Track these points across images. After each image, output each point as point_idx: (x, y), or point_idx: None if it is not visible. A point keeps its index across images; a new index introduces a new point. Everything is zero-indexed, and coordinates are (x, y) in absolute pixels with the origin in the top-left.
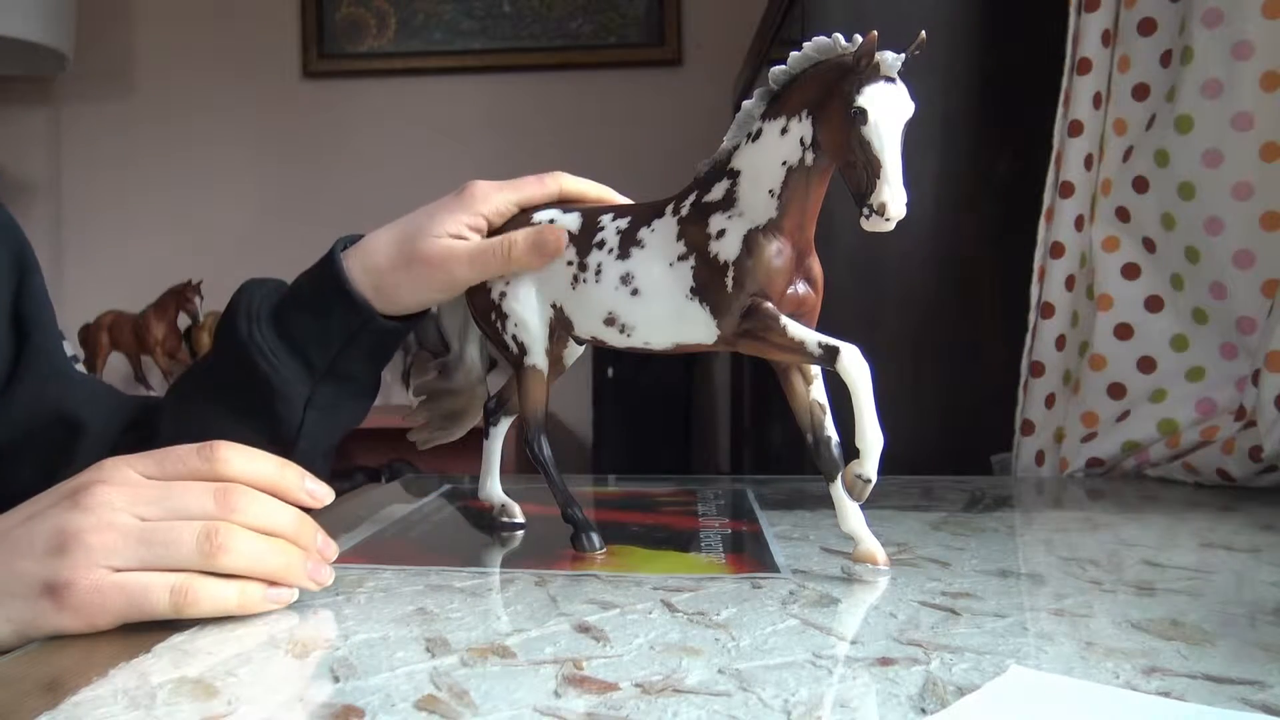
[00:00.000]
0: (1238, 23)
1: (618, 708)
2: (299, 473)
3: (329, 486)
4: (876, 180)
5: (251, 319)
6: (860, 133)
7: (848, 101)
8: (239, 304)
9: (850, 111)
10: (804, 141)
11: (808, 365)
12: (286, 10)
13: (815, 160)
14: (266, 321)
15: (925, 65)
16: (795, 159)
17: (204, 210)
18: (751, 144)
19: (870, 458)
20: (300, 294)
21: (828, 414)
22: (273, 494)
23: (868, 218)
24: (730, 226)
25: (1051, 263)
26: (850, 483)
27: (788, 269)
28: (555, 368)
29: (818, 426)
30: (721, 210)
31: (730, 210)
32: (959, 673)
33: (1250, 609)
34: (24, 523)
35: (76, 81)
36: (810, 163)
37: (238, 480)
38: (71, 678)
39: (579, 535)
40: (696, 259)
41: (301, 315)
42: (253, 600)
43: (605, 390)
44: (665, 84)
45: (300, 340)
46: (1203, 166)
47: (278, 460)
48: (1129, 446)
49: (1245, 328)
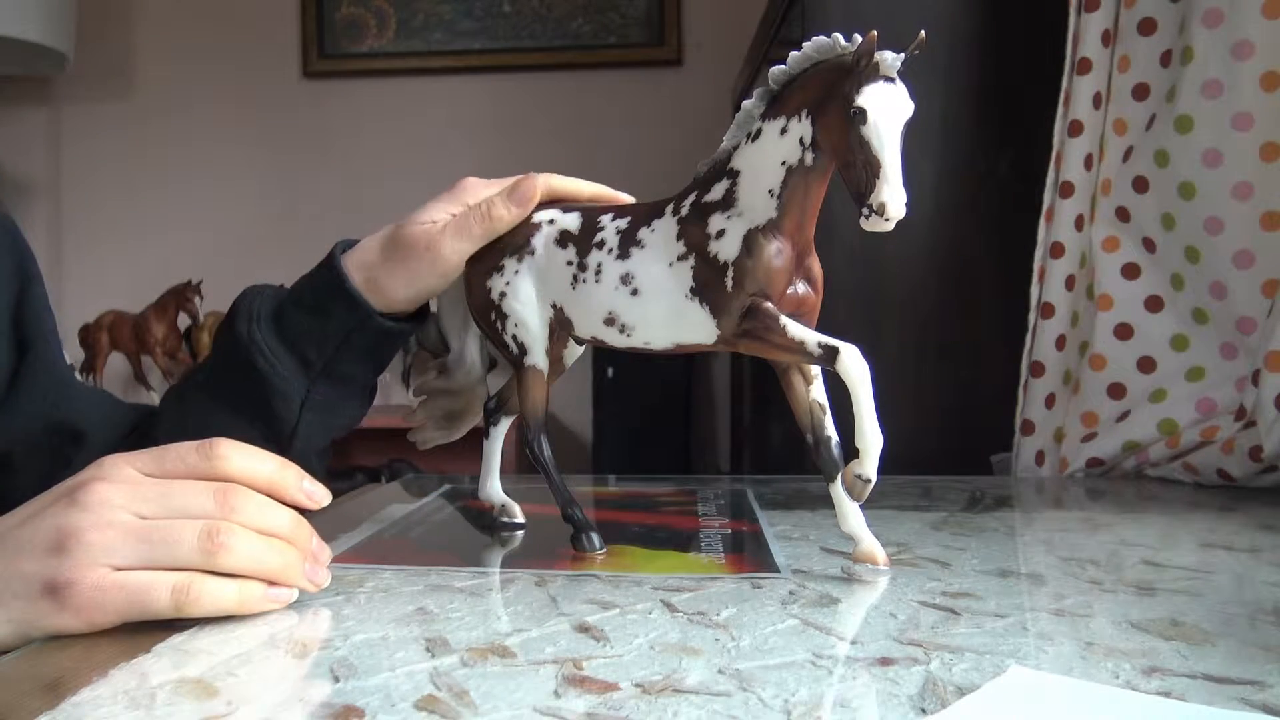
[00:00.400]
0: (1238, 23)
1: (618, 708)
2: (297, 473)
3: (325, 488)
4: (876, 180)
5: (252, 319)
6: (860, 133)
7: (847, 101)
8: (239, 306)
9: (850, 111)
10: (803, 141)
11: (808, 365)
12: (286, 10)
13: (815, 160)
14: (266, 321)
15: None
16: (795, 159)
17: (204, 210)
18: (751, 144)
19: (870, 457)
20: (300, 295)
21: (828, 414)
22: (270, 493)
23: (867, 218)
24: (730, 226)
25: (1051, 263)
26: (850, 483)
27: (788, 269)
28: (555, 368)
29: (818, 426)
30: (721, 210)
31: (730, 210)
32: (959, 673)
33: (1250, 609)
34: (24, 522)
35: (76, 81)
36: (810, 163)
37: (237, 478)
38: (71, 678)
39: (579, 535)
40: (696, 259)
41: (301, 315)
42: (252, 599)
43: (605, 390)
44: (665, 84)
45: (298, 339)
46: (1203, 166)
47: (277, 459)
48: (1129, 446)
49: (1245, 328)
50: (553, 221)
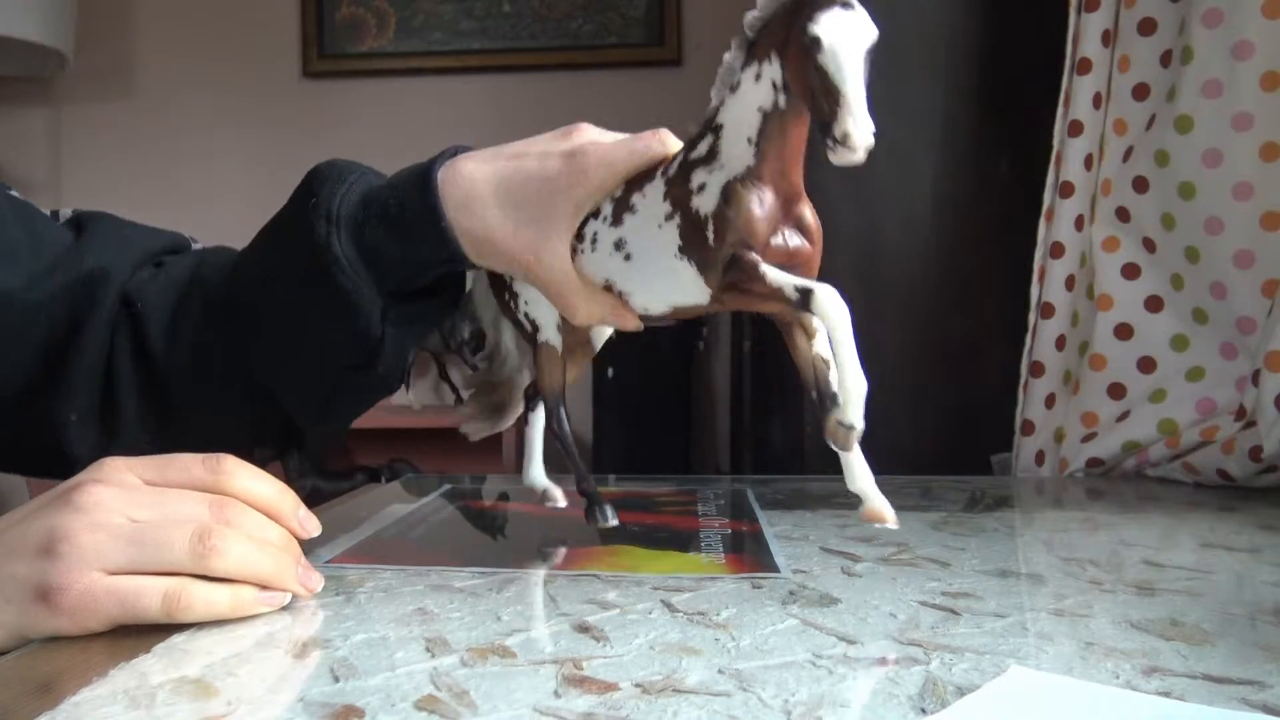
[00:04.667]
0: (1238, 23)
1: (618, 708)
2: (295, 500)
3: (317, 520)
4: (838, 109)
5: (331, 222)
6: (816, 61)
7: (803, 32)
8: (319, 198)
9: (805, 41)
10: (775, 84)
11: (808, 320)
12: (286, 10)
13: (788, 102)
14: (346, 228)
15: (925, 65)
16: (770, 103)
17: (204, 210)
18: (732, 95)
19: (853, 403)
20: (386, 208)
21: (831, 368)
22: (267, 515)
23: (832, 150)
24: (710, 180)
25: (1051, 263)
26: (832, 430)
27: (771, 217)
28: (585, 349)
29: (821, 382)
30: (704, 165)
31: (712, 164)
32: (959, 673)
33: (1250, 609)
34: (19, 523)
35: (76, 81)
36: (784, 105)
37: (238, 495)
38: (71, 678)
39: (593, 508)
40: (680, 217)
41: (385, 233)
42: (245, 603)
43: (605, 390)
44: (665, 84)
45: (379, 259)
46: (1203, 166)
47: (279, 484)
48: (1129, 446)
49: (1245, 328)
50: None
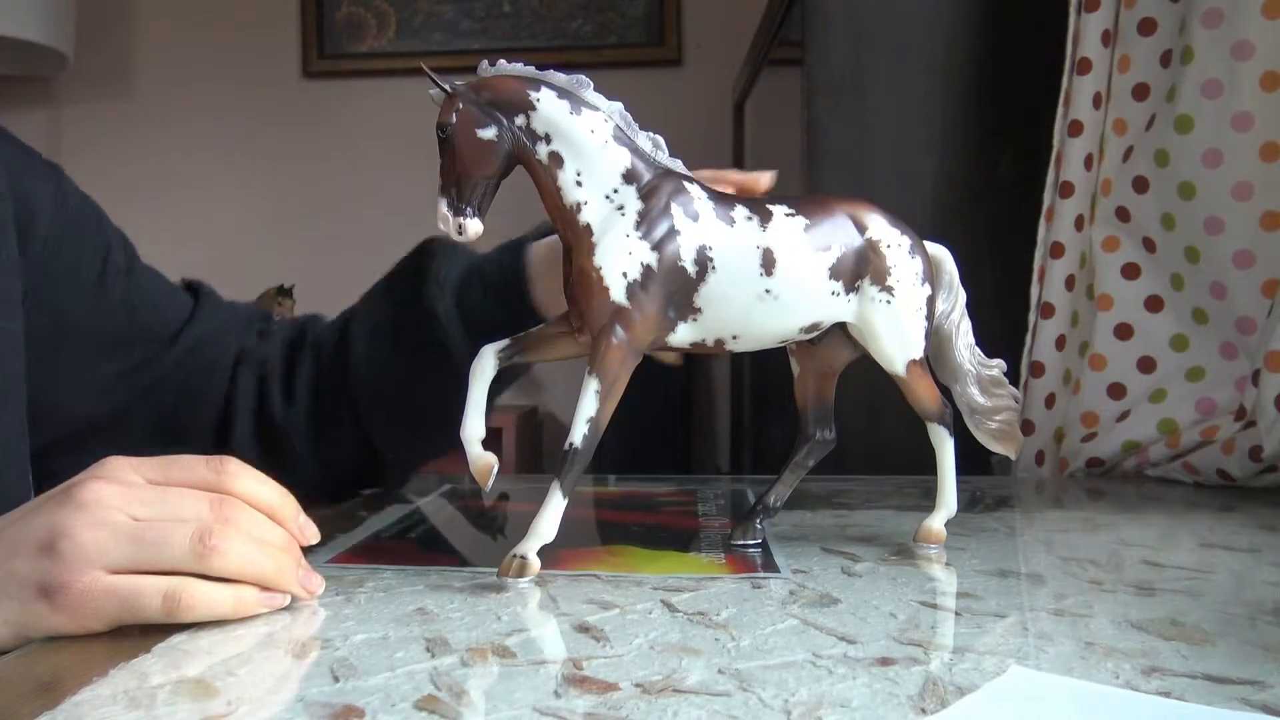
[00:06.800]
0: (1238, 23)
1: (618, 708)
2: (296, 506)
3: (317, 528)
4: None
5: (440, 285)
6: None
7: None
8: (426, 270)
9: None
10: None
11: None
12: (286, 10)
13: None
14: (450, 292)
15: (925, 65)
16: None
17: (204, 210)
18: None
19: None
20: (484, 276)
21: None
22: (268, 517)
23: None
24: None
25: (1051, 263)
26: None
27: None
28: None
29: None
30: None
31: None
32: (959, 673)
33: (1250, 609)
34: (21, 519)
35: (76, 81)
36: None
37: (240, 497)
38: (71, 678)
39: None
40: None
41: (481, 299)
42: (247, 604)
43: None
44: (665, 84)
45: (479, 321)
46: (1203, 166)
47: (281, 490)
48: (1129, 446)
49: (1245, 328)
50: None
